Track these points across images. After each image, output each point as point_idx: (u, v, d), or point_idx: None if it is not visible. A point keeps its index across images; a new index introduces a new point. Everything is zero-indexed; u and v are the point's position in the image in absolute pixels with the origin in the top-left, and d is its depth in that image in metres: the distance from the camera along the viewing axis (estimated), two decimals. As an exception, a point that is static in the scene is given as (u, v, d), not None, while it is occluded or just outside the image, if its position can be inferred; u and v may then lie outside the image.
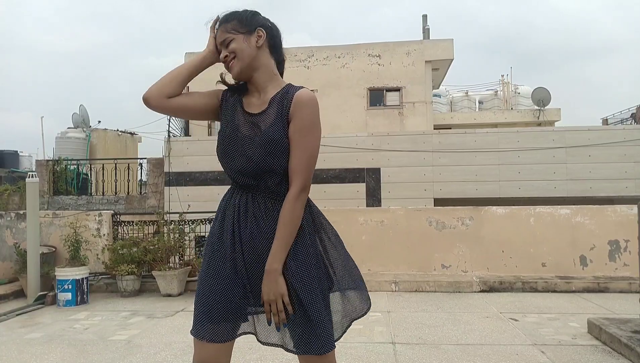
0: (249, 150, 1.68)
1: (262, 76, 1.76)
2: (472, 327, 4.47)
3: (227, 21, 1.74)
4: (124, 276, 6.21)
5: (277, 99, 1.72)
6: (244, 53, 1.71)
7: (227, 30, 1.72)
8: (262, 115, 1.72)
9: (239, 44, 1.71)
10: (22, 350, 4.06)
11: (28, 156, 17.38)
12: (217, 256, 1.71)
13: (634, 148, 10.32)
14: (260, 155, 1.66)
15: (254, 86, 1.78)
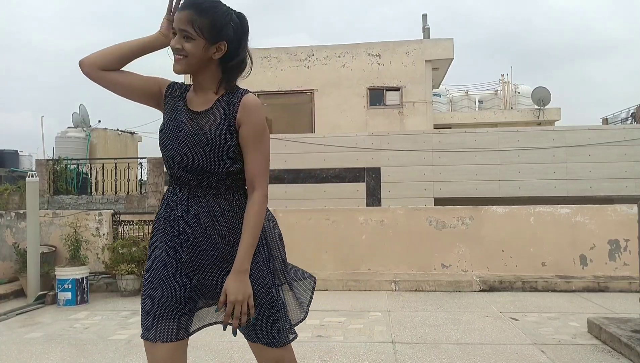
0: (192, 148, 1.65)
1: (206, 79, 1.71)
2: (472, 327, 4.47)
3: (199, 13, 1.60)
4: (124, 276, 6.21)
5: (222, 101, 1.70)
6: (195, 59, 1.63)
7: (192, 24, 1.59)
8: (205, 114, 1.69)
9: (197, 49, 1.61)
10: (22, 350, 4.06)
11: (28, 155, 17.38)
12: (161, 256, 1.68)
13: (634, 147, 10.32)
14: (205, 156, 1.64)
15: (197, 84, 1.72)
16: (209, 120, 1.68)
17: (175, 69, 1.66)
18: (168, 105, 1.73)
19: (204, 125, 1.67)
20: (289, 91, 13.57)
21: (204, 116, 1.68)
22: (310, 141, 10.48)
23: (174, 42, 1.63)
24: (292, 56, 13.47)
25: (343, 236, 6.87)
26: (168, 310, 1.65)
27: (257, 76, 13.57)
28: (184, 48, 1.61)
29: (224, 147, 1.65)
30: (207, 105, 1.70)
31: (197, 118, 1.69)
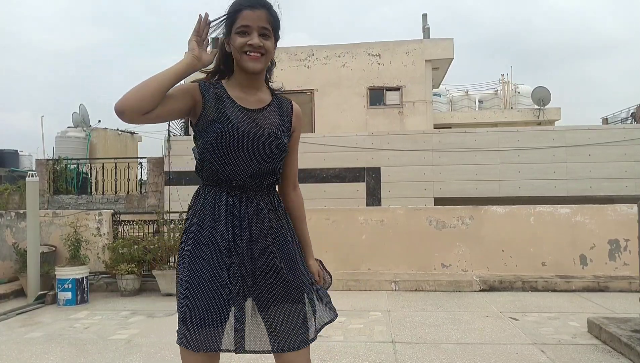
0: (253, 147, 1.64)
1: (262, 77, 1.75)
2: (472, 326, 4.47)
3: (271, 14, 1.65)
4: (124, 276, 6.21)
5: (275, 103, 1.75)
6: (270, 56, 1.69)
7: (269, 23, 1.64)
8: (261, 113, 1.70)
9: (272, 47, 1.67)
10: (22, 350, 4.06)
11: (28, 155, 17.38)
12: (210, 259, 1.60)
13: (634, 147, 10.31)
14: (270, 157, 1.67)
15: (251, 82, 1.71)
16: (266, 119, 1.70)
17: (255, 68, 1.64)
18: (210, 107, 1.65)
19: (262, 124, 1.68)
20: (289, 91, 13.52)
21: (260, 115, 1.69)
22: (310, 141, 10.46)
23: (257, 40, 1.61)
24: (292, 56, 13.46)
25: (343, 236, 6.88)
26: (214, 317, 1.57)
27: (257, 75, 13.57)
28: (264, 46, 1.63)
29: (284, 148, 1.72)
30: (261, 104, 1.72)
31: (253, 116, 1.68)
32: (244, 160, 1.63)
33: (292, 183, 1.82)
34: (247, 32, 1.62)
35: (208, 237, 1.61)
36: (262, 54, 1.63)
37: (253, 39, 1.61)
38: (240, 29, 1.62)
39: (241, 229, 1.62)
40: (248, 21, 1.61)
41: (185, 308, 1.59)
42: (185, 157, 11.17)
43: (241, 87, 1.71)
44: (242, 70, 1.68)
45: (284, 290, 1.66)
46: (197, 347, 1.56)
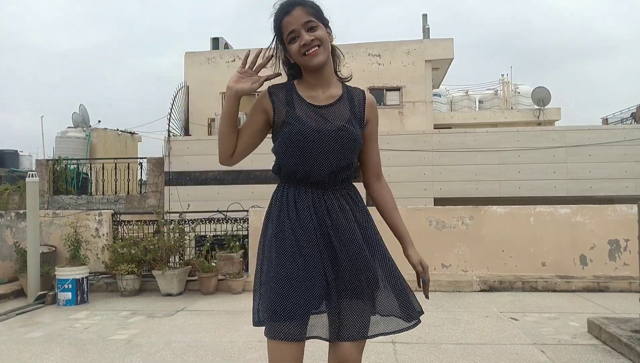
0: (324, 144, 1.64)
1: (329, 70, 1.72)
2: (472, 327, 4.47)
3: (306, 5, 1.64)
4: (124, 276, 6.21)
5: (345, 97, 1.74)
6: (327, 43, 1.66)
7: (309, 14, 1.63)
8: (331, 107, 1.70)
9: (324, 33, 1.64)
10: (22, 350, 4.06)
11: (28, 155, 17.39)
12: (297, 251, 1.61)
13: (634, 147, 10.33)
14: (342, 150, 1.67)
15: (318, 80, 1.71)
16: (337, 115, 1.69)
17: (319, 61, 1.64)
18: (281, 112, 1.69)
19: (332, 118, 1.68)
20: (289, 91, 13.55)
21: (329, 111, 1.69)
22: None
23: (307, 37, 1.61)
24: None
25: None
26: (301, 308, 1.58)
27: (257, 76, 13.56)
28: (316, 37, 1.62)
29: (358, 140, 1.71)
30: (330, 100, 1.71)
31: (323, 113, 1.68)
32: (318, 157, 1.65)
33: (375, 174, 1.83)
34: (296, 37, 1.63)
35: (293, 233, 1.63)
36: (318, 46, 1.63)
37: (303, 38, 1.62)
38: (290, 37, 1.64)
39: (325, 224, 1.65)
40: (291, 26, 1.63)
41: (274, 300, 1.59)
42: (185, 157, 11.19)
43: (312, 86, 1.72)
44: (309, 71, 1.69)
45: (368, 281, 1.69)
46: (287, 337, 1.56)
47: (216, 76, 13.65)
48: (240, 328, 4.55)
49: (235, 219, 7.08)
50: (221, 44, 14.71)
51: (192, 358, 3.74)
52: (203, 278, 6.25)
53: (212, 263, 6.40)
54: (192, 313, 5.29)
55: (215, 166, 11.15)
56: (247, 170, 11.10)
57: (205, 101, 13.55)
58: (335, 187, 1.71)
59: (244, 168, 11.11)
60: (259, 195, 10.72)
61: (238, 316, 5.05)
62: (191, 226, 6.89)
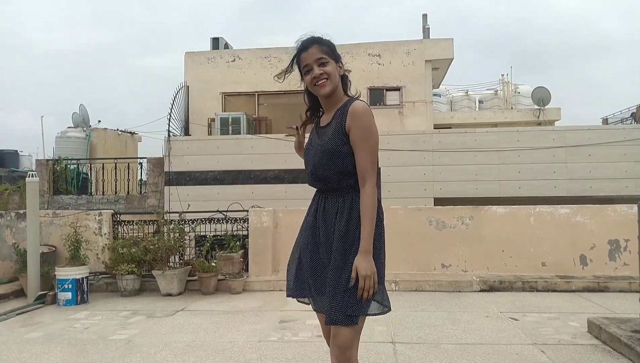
0: (314, 159, 2.08)
1: (335, 97, 2.09)
2: (472, 327, 4.47)
3: (321, 43, 2.05)
4: (124, 276, 6.21)
5: (337, 113, 2.06)
6: (334, 77, 2.05)
7: (324, 52, 2.03)
8: (326, 127, 2.09)
9: (332, 68, 2.04)
10: (22, 350, 4.06)
11: (28, 155, 17.37)
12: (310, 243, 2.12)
13: (634, 147, 10.32)
14: (321, 162, 2.04)
15: (327, 104, 2.12)
16: (327, 131, 2.07)
17: (325, 91, 2.04)
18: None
19: (324, 136, 2.06)
20: (289, 91, 13.53)
21: (325, 129, 2.09)
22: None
23: (317, 71, 2.01)
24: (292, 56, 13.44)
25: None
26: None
27: (257, 76, 13.56)
28: (325, 71, 2.02)
29: (332, 151, 2.01)
30: (329, 120, 2.09)
31: (321, 131, 2.11)
32: (308, 168, 2.13)
33: (361, 179, 2.01)
34: (309, 70, 2.04)
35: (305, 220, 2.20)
36: (326, 79, 2.03)
37: (314, 72, 2.02)
38: (305, 70, 2.07)
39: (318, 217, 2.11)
40: (306, 61, 2.05)
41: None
42: (185, 157, 11.18)
43: (325, 110, 2.16)
44: (319, 97, 2.11)
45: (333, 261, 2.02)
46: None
47: (216, 76, 13.64)
48: (240, 328, 4.55)
49: (235, 219, 7.08)
50: (221, 44, 14.70)
51: (192, 358, 3.74)
52: (203, 278, 6.25)
53: (212, 263, 6.40)
54: (192, 313, 5.29)
55: (215, 166, 11.15)
56: (247, 170, 11.10)
57: (205, 101, 13.54)
58: (333, 193, 2.07)
59: (244, 168, 11.12)
60: (259, 195, 10.73)
61: (238, 316, 5.06)
62: (191, 226, 6.89)
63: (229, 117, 12.21)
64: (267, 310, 5.29)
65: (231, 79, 13.59)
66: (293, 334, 4.34)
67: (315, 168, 2.06)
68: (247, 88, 13.55)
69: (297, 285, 2.13)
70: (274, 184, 10.95)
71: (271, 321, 4.80)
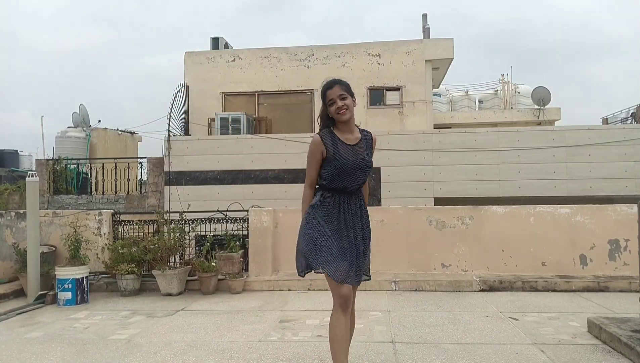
0: (356, 171, 2.91)
1: (352, 122, 2.95)
2: (472, 326, 4.47)
3: (342, 84, 2.89)
4: (124, 276, 6.21)
5: (362, 137, 2.98)
6: (351, 108, 2.90)
7: (344, 90, 2.87)
8: (357, 146, 2.93)
9: (350, 102, 2.88)
10: (22, 349, 4.06)
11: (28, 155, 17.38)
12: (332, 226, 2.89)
13: (634, 147, 10.32)
14: (364, 174, 2.98)
15: (347, 127, 2.93)
16: (359, 150, 2.93)
17: (345, 118, 2.88)
18: (330, 151, 2.87)
19: (359, 153, 2.92)
20: (289, 91, 13.56)
21: (356, 147, 2.93)
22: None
23: (340, 103, 2.84)
24: (292, 56, 13.46)
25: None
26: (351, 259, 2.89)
27: (257, 75, 13.57)
28: (345, 104, 2.85)
29: (371, 166, 3.00)
30: (356, 140, 2.94)
31: (353, 149, 2.91)
32: (353, 177, 2.92)
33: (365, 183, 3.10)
34: (333, 103, 2.86)
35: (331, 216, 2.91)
36: (346, 109, 2.86)
37: (337, 104, 2.85)
38: (330, 102, 2.89)
39: (347, 213, 2.92)
40: (331, 96, 2.88)
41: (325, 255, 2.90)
42: (185, 157, 11.18)
43: (343, 132, 2.94)
44: (340, 122, 2.91)
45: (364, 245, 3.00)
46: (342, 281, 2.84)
47: (216, 75, 13.64)
48: (240, 328, 4.55)
49: (235, 219, 7.08)
50: (221, 44, 14.71)
51: (192, 358, 3.74)
52: (203, 278, 6.25)
53: (212, 263, 6.40)
54: (192, 313, 5.29)
55: (215, 166, 11.15)
56: (247, 170, 11.10)
57: (205, 101, 13.55)
58: (354, 193, 2.97)
59: (244, 168, 11.12)
60: (259, 195, 10.73)
61: (238, 316, 5.06)
62: (191, 226, 6.89)
63: (229, 117, 12.22)
64: (267, 310, 5.29)
65: (231, 79, 13.60)
66: (293, 334, 4.34)
67: (362, 178, 2.95)
68: (247, 88, 13.56)
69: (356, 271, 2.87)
70: (274, 184, 10.95)
71: (271, 321, 4.80)
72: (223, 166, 11.13)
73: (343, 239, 2.83)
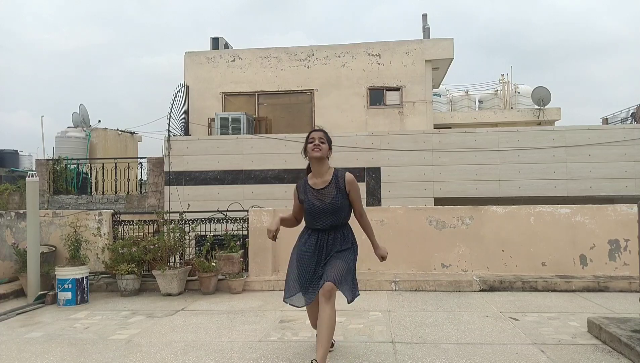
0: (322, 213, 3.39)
1: (323, 167, 3.44)
2: (472, 326, 4.47)
3: (325, 135, 3.42)
4: (124, 276, 6.21)
5: (333, 180, 3.40)
6: (324, 152, 3.39)
7: (324, 138, 3.41)
8: (324, 190, 3.39)
9: (325, 148, 3.40)
10: (22, 349, 4.06)
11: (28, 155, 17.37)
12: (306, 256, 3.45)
13: (634, 147, 10.32)
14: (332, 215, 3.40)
15: (318, 172, 3.43)
16: (327, 193, 3.38)
17: (316, 154, 3.35)
18: (302, 196, 3.49)
19: (326, 197, 3.38)
20: (289, 91, 13.56)
21: (323, 191, 3.39)
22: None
23: (317, 141, 3.36)
24: (292, 56, 13.46)
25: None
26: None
27: (257, 75, 13.57)
28: (321, 146, 3.36)
29: (341, 206, 3.41)
30: (324, 184, 3.39)
31: (318, 193, 3.39)
32: (319, 219, 3.42)
33: (357, 214, 3.53)
34: (312, 141, 3.38)
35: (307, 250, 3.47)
36: (319, 149, 3.35)
37: (315, 143, 3.36)
38: (310, 141, 3.40)
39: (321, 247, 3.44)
40: (313, 136, 3.41)
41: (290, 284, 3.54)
42: (185, 157, 11.18)
43: (314, 176, 3.46)
44: (312, 161, 3.42)
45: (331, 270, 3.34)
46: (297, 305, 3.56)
47: (216, 76, 13.64)
48: (240, 328, 4.55)
49: (235, 219, 7.08)
50: (221, 44, 14.71)
51: (192, 358, 3.74)
52: (203, 278, 6.25)
53: (212, 263, 6.40)
54: (192, 313, 5.29)
55: (215, 166, 11.15)
56: (247, 170, 11.10)
57: (205, 101, 13.55)
58: (331, 230, 3.44)
59: (244, 168, 11.12)
60: (259, 195, 10.73)
61: (238, 316, 5.06)
62: (191, 226, 6.89)
63: (229, 117, 12.22)
64: (267, 310, 5.29)
65: (231, 79, 13.60)
66: (293, 334, 4.34)
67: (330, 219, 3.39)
68: (247, 88, 13.56)
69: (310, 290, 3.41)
70: (274, 184, 10.95)
71: (271, 321, 4.81)
72: (223, 166, 11.13)
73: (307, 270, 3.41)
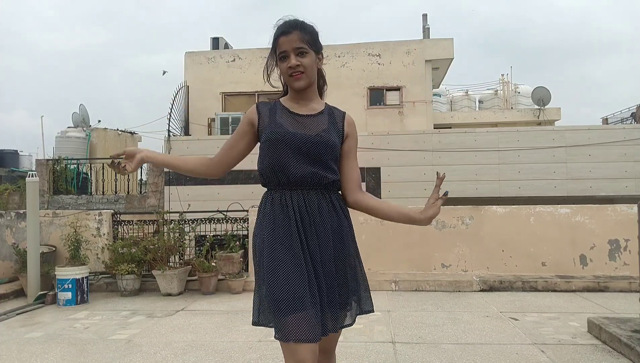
0: (302, 147, 1.75)
1: (311, 91, 1.86)
2: (472, 326, 4.47)
3: (304, 30, 1.78)
4: (124, 276, 6.21)
5: (325, 112, 1.87)
6: (312, 71, 1.80)
7: (303, 40, 1.76)
8: (311, 118, 1.83)
9: (311, 60, 1.78)
10: (22, 349, 4.06)
11: (28, 155, 17.36)
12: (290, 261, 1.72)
13: (634, 147, 10.32)
14: (320, 154, 1.76)
15: (301, 96, 1.85)
16: (316, 124, 1.82)
17: (300, 85, 1.79)
18: (264, 121, 1.83)
19: (311, 127, 1.80)
20: (289, 91, 13.56)
21: (310, 120, 1.82)
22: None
23: (294, 62, 1.75)
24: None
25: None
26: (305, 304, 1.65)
27: (257, 75, 13.55)
28: (302, 64, 1.76)
29: (333, 147, 1.80)
30: (311, 112, 1.84)
31: (303, 121, 1.81)
32: (297, 159, 1.75)
33: (357, 186, 1.89)
34: (286, 57, 1.76)
35: (283, 238, 1.73)
36: (302, 72, 1.76)
37: (291, 62, 1.75)
38: (281, 55, 1.78)
39: (309, 227, 1.75)
40: (284, 47, 1.76)
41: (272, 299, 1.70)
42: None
43: (295, 100, 1.86)
44: (292, 89, 1.84)
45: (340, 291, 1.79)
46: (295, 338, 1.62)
47: (216, 75, 13.64)
48: (240, 328, 4.55)
49: (235, 219, 7.08)
50: (221, 44, 14.71)
51: (192, 358, 3.74)
52: (203, 278, 6.25)
53: (212, 263, 6.40)
54: (192, 313, 5.29)
55: (215, 166, 11.13)
56: (247, 170, 11.08)
57: (205, 100, 13.55)
58: (319, 191, 1.79)
59: (244, 168, 11.10)
60: (259, 195, 10.61)
61: (238, 316, 5.06)
62: (191, 226, 6.89)
63: (229, 117, 12.22)
64: (267, 310, 5.28)
65: (231, 79, 13.59)
66: (293, 334, 4.33)
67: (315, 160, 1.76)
68: (247, 88, 13.55)
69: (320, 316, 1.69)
70: (274, 184, 10.93)
71: (271, 321, 4.80)
72: (223, 166, 11.11)
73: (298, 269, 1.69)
